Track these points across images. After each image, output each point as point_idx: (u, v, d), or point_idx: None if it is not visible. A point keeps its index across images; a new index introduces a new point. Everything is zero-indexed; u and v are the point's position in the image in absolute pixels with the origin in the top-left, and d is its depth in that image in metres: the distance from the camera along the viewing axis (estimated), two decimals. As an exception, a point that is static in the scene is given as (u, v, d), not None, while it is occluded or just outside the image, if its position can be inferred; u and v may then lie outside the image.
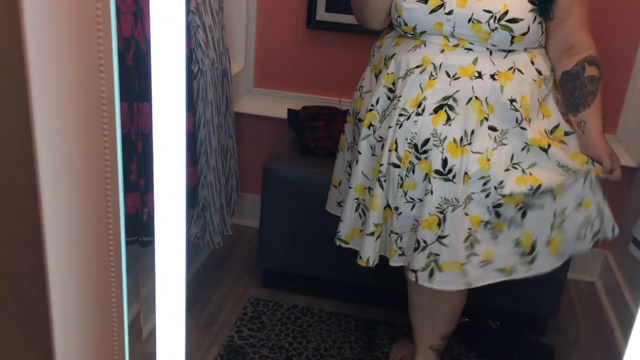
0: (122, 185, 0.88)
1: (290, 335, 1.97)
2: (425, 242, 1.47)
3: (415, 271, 1.49)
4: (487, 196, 1.42)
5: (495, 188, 1.42)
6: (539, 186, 1.42)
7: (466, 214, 1.44)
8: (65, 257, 0.86)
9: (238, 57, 2.39)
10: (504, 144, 1.42)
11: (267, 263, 2.17)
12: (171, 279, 0.93)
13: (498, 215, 1.44)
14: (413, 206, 1.48)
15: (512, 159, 1.43)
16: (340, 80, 2.38)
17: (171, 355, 0.96)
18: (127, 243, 1.32)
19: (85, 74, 0.80)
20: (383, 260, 1.57)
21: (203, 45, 1.71)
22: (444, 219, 1.44)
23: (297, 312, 2.08)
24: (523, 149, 1.43)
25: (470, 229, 1.45)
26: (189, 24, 1.64)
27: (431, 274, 1.48)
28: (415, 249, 1.48)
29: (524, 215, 1.46)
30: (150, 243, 1.48)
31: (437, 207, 1.44)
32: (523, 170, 1.43)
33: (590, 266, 2.37)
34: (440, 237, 1.45)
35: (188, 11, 1.64)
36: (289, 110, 2.29)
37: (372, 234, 1.52)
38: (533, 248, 1.48)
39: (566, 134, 1.50)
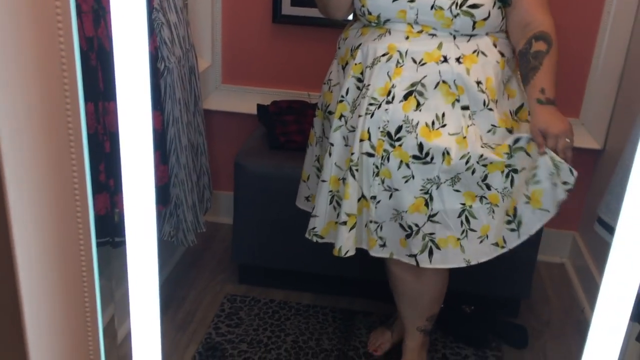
0: (91, 187, 0.88)
1: (268, 330, 1.97)
2: (417, 225, 1.49)
3: (414, 255, 1.51)
4: (473, 173, 1.44)
5: (478, 162, 1.44)
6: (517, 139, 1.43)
7: (458, 191, 1.46)
8: (36, 263, 0.85)
9: (205, 54, 2.38)
10: (474, 124, 1.45)
11: (242, 259, 2.17)
12: (144, 281, 0.93)
13: (489, 187, 1.46)
14: (390, 195, 1.49)
15: (480, 139, 1.45)
16: (309, 74, 2.38)
17: (147, 357, 0.96)
18: (99, 245, 1.31)
19: (48, 74, 0.79)
20: (361, 251, 1.58)
21: (168, 43, 1.70)
22: (430, 198, 1.46)
23: (275, 306, 2.09)
24: (489, 131, 1.46)
25: (463, 204, 1.47)
26: (152, 22, 1.63)
27: (430, 253, 1.50)
28: (408, 236, 1.50)
29: (512, 182, 1.46)
30: (123, 244, 1.47)
31: (421, 189, 1.46)
32: (492, 148, 1.45)
33: (559, 248, 2.42)
34: (430, 217, 1.48)
35: (152, 9, 1.62)
36: (259, 106, 2.29)
37: (345, 223, 1.53)
38: (515, 211, 1.48)
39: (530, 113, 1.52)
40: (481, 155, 1.43)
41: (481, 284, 2.03)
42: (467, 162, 1.43)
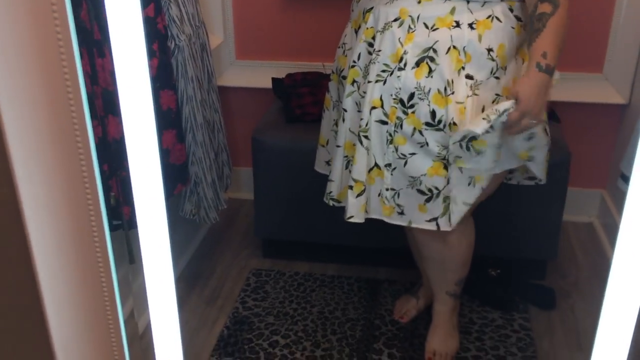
0: (100, 177, 0.88)
1: (294, 302, 1.99)
2: (437, 188, 1.48)
3: (435, 219, 1.50)
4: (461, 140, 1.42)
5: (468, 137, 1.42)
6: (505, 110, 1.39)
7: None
8: (52, 257, 0.86)
9: (217, 30, 2.36)
10: (477, 94, 1.42)
11: (265, 234, 2.18)
12: (159, 268, 0.93)
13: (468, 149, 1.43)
14: (405, 162, 1.48)
15: (482, 110, 1.42)
16: (323, 44, 2.35)
17: (168, 346, 0.97)
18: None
19: (47, 61, 0.79)
20: (381, 221, 1.57)
21: (177, 21, 1.69)
22: (448, 162, 1.45)
23: (300, 278, 2.11)
24: (494, 101, 1.43)
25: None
26: (160, 0, 1.62)
27: (449, 217, 1.49)
28: (428, 200, 1.49)
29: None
30: (119, 227, 1.48)
31: (438, 154, 1.45)
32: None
33: (586, 207, 2.38)
34: (449, 180, 1.47)
35: (157, -13, 1.61)
36: (273, 79, 2.27)
37: (351, 187, 1.53)
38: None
39: None
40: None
41: (507, 246, 2.01)
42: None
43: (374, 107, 1.46)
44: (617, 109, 2.18)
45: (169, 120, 1.69)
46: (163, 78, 1.65)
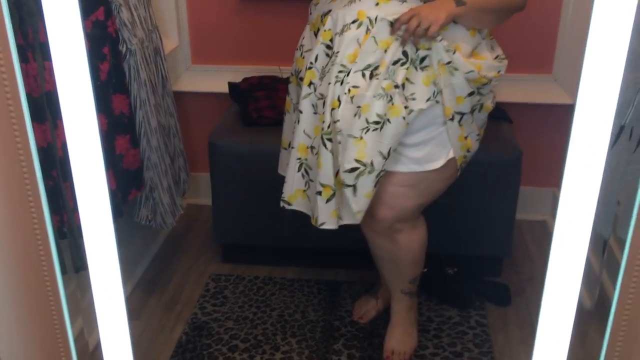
0: (43, 185, 0.86)
1: (253, 306, 1.99)
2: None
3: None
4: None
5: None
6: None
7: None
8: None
9: (172, 35, 2.35)
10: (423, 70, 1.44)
11: (224, 238, 2.17)
12: (108, 285, 0.91)
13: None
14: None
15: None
16: (279, 48, 2.36)
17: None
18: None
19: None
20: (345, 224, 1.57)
21: (129, 25, 1.67)
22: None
23: (259, 282, 2.10)
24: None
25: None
26: (110, 4, 1.60)
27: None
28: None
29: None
30: (66, 236, 1.44)
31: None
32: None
33: (539, 205, 2.44)
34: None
35: (107, -9, 1.60)
36: (230, 84, 2.27)
37: (320, 193, 1.52)
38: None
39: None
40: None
41: (462, 245, 2.05)
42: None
43: (333, 108, 1.46)
44: (566, 109, 2.25)
45: (122, 125, 1.68)
46: (115, 82, 1.63)
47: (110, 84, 1.61)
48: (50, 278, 0.89)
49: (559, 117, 2.30)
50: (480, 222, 2.02)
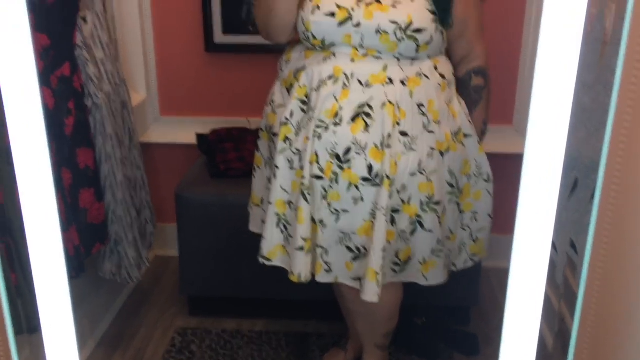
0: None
1: (221, 361, 1.95)
2: (365, 248, 1.49)
3: (359, 279, 1.51)
4: (390, 197, 1.46)
5: (398, 192, 1.46)
6: (432, 196, 1.48)
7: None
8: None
9: (140, 87, 2.36)
10: (413, 150, 1.45)
11: (191, 290, 2.14)
12: (64, 350, 0.86)
13: (392, 222, 1.47)
14: (338, 218, 1.48)
15: (419, 165, 1.46)
16: (247, 100, 2.39)
17: None
18: None
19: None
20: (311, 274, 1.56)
21: (95, 79, 1.69)
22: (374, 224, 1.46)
23: (227, 336, 2.07)
24: (429, 155, 1.47)
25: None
26: (76, 59, 1.62)
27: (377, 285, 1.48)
28: (355, 258, 1.50)
29: (413, 232, 1.50)
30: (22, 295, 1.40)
31: (371, 212, 1.46)
32: (427, 177, 1.47)
33: (504, 253, 2.45)
34: (370, 242, 1.47)
35: (74, 46, 1.61)
36: (198, 135, 2.28)
37: (302, 248, 1.50)
38: (407, 261, 1.54)
39: (465, 135, 1.55)
40: (403, 185, 1.46)
41: (430, 294, 2.03)
42: (390, 186, 1.44)
43: (310, 163, 1.46)
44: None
45: (86, 179, 1.67)
46: (79, 136, 1.63)
47: (75, 138, 1.61)
48: (2, 338, 0.86)
49: (520, 167, 2.35)
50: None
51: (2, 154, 1.32)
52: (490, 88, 1.61)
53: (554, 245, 0.90)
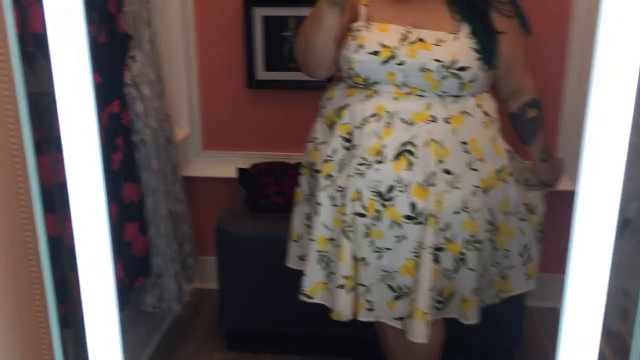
0: (51, 274, 0.88)
1: (258, 397, 1.93)
2: (407, 287, 1.47)
3: (401, 318, 1.49)
4: (434, 234, 1.44)
5: (442, 230, 1.45)
6: (476, 234, 1.46)
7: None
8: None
9: (184, 123, 2.42)
10: (457, 188, 1.44)
11: (229, 324, 2.15)
12: None
13: (436, 260, 1.45)
14: (380, 256, 1.47)
15: (463, 203, 1.45)
16: (287, 135, 2.42)
17: None
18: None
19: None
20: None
21: (142, 116, 1.73)
22: (418, 263, 1.45)
23: (265, 371, 2.06)
24: (473, 193, 1.46)
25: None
26: (125, 96, 1.67)
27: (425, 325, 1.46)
28: (397, 297, 1.48)
29: (457, 270, 1.48)
30: (69, 326, 1.43)
31: (413, 251, 1.45)
32: (471, 215, 1.45)
33: (551, 292, 2.40)
34: (416, 282, 1.46)
35: (124, 84, 1.67)
36: (239, 169, 2.31)
37: (342, 286, 1.49)
38: (449, 298, 1.51)
39: (509, 174, 1.54)
40: (447, 224, 1.44)
41: (471, 334, 2.00)
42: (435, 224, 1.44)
43: (353, 200, 1.46)
44: (571, 195, 2.26)
45: (131, 213, 1.70)
46: (126, 171, 1.67)
47: (121, 173, 1.65)
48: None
49: (565, 203, 2.30)
50: (490, 310, 1.98)
51: (58, 189, 1.37)
52: (544, 117, 1.65)
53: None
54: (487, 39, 1.45)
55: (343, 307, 1.50)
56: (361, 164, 1.44)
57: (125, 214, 1.68)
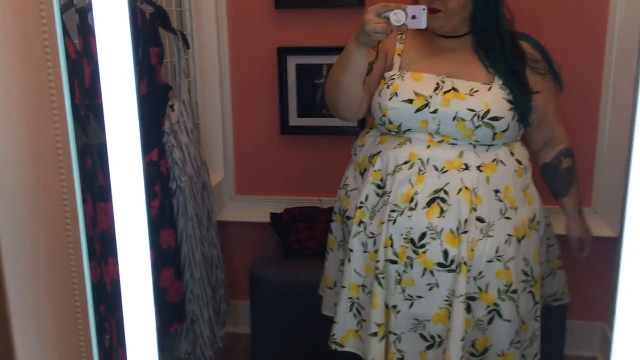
0: (94, 318, 0.90)
1: None
2: (440, 337, 1.45)
3: None
4: (466, 283, 1.43)
5: (475, 279, 1.44)
6: (511, 284, 1.44)
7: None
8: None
9: (218, 169, 2.46)
10: (490, 236, 1.43)
11: (262, 371, 2.13)
12: None
13: (469, 310, 1.44)
14: (412, 304, 1.46)
15: (497, 252, 1.44)
16: (320, 180, 2.45)
17: None
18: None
19: (50, 205, 0.84)
20: None
21: (180, 163, 1.78)
22: (451, 312, 1.43)
23: (297, 420, 2.03)
24: (506, 242, 1.45)
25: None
26: (164, 145, 1.72)
27: None
28: (430, 347, 1.47)
29: (491, 321, 1.46)
30: None
31: (446, 300, 1.44)
32: (505, 265, 1.44)
33: (588, 340, 2.34)
34: (448, 332, 1.44)
35: (163, 133, 1.72)
36: (272, 215, 2.34)
37: (375, 334, 1.48)
38: (484, 352, 1.49)
39: (539, 223, 1.54)
40: (480, 273, 1.44)
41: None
42: (467, 272, 1.43)
43: (385, 247, 1.46)
44: (609, 242, 2.22)
45: (168, 259, 1.73)
46: (163, 218, 1.70)
47: (159, 220, 1.68)
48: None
49: (603, 250, 2.26)
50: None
51: (109, 235, 1.40)
52: (577, 168, 1.66)
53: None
54: (523, 99, 1.46)
55: (376, 356, 1.48)
56: (393, 211, 1.45)
57: (162, 260, 1.70)
